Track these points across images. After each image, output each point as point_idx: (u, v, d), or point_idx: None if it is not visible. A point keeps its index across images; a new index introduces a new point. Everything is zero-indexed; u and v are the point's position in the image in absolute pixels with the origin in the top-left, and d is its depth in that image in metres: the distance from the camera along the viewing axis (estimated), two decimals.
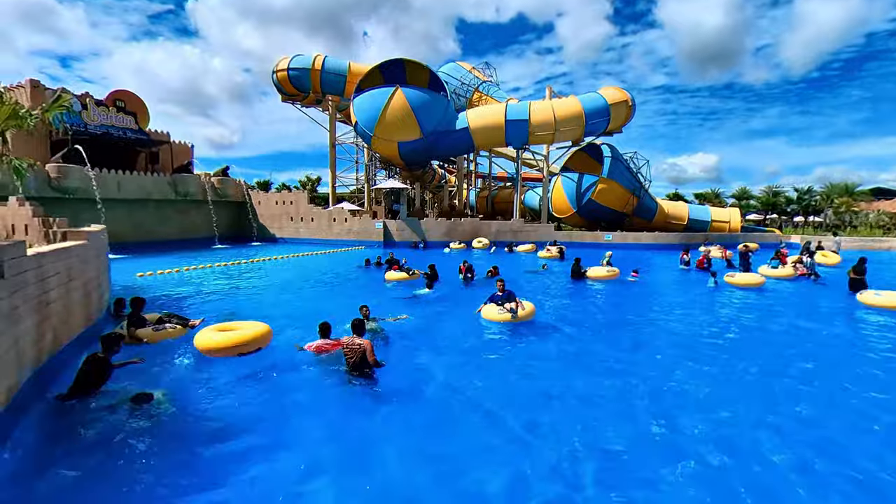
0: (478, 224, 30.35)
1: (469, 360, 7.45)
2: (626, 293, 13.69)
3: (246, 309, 10.79)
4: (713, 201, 54.24)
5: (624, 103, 30.54)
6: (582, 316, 10.59)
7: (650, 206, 33.11)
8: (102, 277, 9.20)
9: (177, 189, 27.16)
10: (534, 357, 7.61)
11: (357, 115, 28.77)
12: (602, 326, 9.64)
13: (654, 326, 9.66)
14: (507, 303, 9.55)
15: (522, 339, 8.62)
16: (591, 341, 8.59)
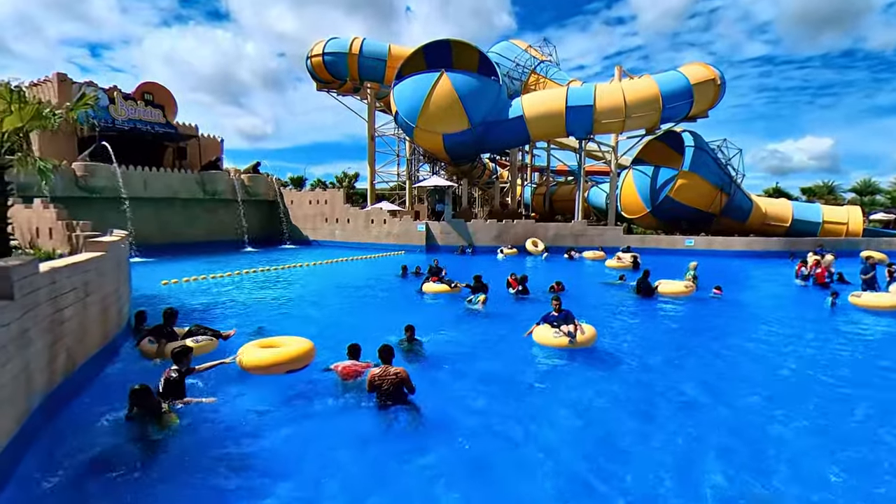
0: (533, 226, 29.77)
1: (517, 392, 7.21)
2: (709, 315, 12.76)
3: (272, 322, 11.07)
4: (826, 197, 49.96)
5: (711, 82, 28.98)
6: (652, 343, 9.94)
7: (743, 204, 31.19)
8: (122, 289, 9.68)
9: (205, 187, 28.63)
10: (592, 392, 7.21)
11: (397, 104, 29.08)
12: (677, 358, 8.95)
13: (746, 360, 8.84)
14: (564, 325, 9.19)
15: (580, 369, 8.24)
16: (662, 376, 7.94)
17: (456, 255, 26.87)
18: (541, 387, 7.44)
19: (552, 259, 25.50)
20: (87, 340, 7.28)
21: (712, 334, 10.77)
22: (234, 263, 21.95)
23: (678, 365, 8.51)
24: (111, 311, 8.56)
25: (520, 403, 6.81)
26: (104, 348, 8.05)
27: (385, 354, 6.64)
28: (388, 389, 6.28)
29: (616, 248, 26.65)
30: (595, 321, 10.07)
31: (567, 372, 8.14)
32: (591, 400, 6.91)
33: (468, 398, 6.95)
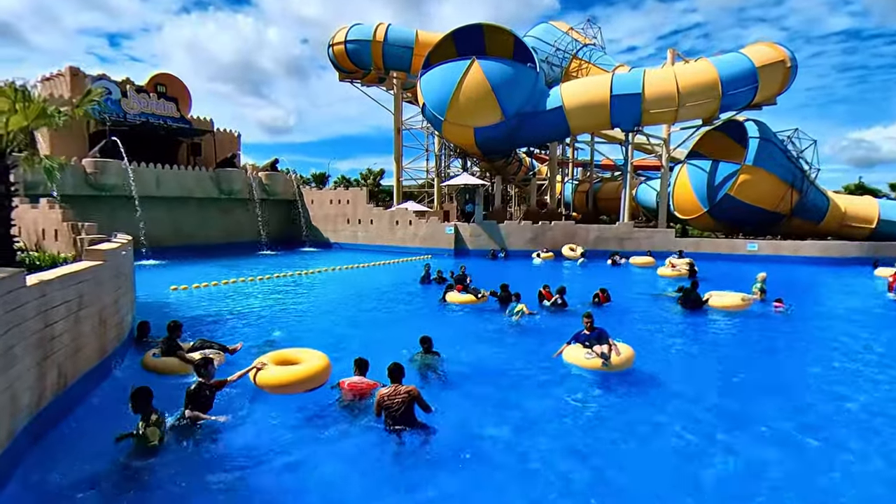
0: (572, 228, 29.20)
1: (541, 420, 6.97)
2: (771, 335, 11.93)
3: (285, 334, 11.20)
4: None
5: (779, 64, 27.89)
6: (700, 369, 9.44)
7: (818, 202, 29.83)
8: (124, 300, 9.86)
9: (220, 186, 29.33)
10: (625, 423, 6.86)
11: (425, 95, 29.09)
12: (730, 389, 8.34)
13: (813, 396, 8.03)
14: (598, 345, 8.89)
15: (614, 396, 7.89)
16: (711, 411, 7.35)
17: (487, 260, 26.61)
18: (568, 416, 7.14)
19: (592, 265, 24.89)
20: (81, 356, 7.39)
21: (773, 360, 10.07)
22: (249, 268, 22.36)
23: (732, 397, 7.93)
24: (110, 323, 8.71)
25: (543, 434, 6.53)
26: (101, 363, 8.18)
27: (395, 374, 6.60)
28: (397, 411, 6.21)
29: (667, 253, 25.87)
30: (633, 339, 9.75)
31: (599, 399, 7.82)
32: (625, 434, 6.54)
33: (486, 424, 6.76)
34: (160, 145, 28.88)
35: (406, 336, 10.18)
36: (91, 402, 7.33)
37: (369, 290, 17.48)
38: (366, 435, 6.30)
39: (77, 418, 6.77)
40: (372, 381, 7.35)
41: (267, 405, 7.24)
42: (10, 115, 9.14)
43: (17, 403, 5.56)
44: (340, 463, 5.74)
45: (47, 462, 5.61)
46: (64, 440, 6.18)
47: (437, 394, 7.48)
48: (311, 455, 5.93)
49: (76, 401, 7.11)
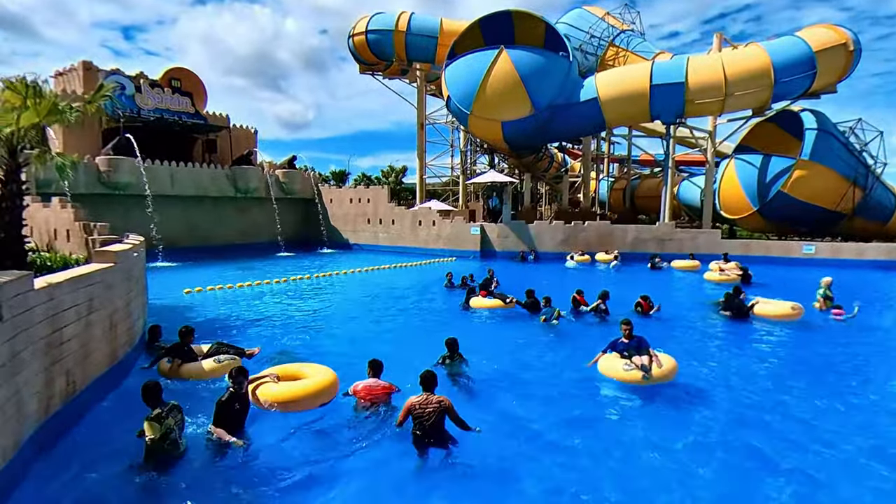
0: (608, 229, 28.78)
1: (577, 438, 6.80)
2: (832, 344, 11.51)
3: (301, 340, 11.33)
4: None
5: (840, 48, 27.10)
6: (750, 382, 9.03)
7: (884, 200, 28.90)
8: (135, 302, 10.06)
9: (237, 184, 29.87)
10: (668, 441, 6.62)
11: (449, 87, 29.09)
12: (784, 406, 7.98)
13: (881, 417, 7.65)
14: (637, 356, 8.65)
15: (654, 412, 7.65)
16: (765, 431, 7.06)
17: (516, 263, 26.42)
18: (600, 432, 7.00)
19: (629, 269, 24.39)
20: (90, 361, 7.54)
21: (833, 375, 9.62)
22: (266, 270, 22.68)
23: (784, 415, 7.61)
24: (121, 328, 8.88)
25: (578, 449, 6.45)
26: (112, 369, 8.34)
27: (428, 382, 6.59)
28: (428, 420, 6.23)
29: (713, 257, 25.22)
30: (673, 350, 9.42)
31: (637, 413, 7.64)
32: (661, 454, 6.33)
33: (515, 440, 6.74)
34: (175, 142, 29.57)
35: (430, 344, 10.14)
36: (101, 410, 7.46)
37: (391, 295, 17.53)
38: (385, 446, 6.35)
39: (87, 426, 6.90)
40: (387, 383, 7.54)
41: (272, 417, 7.17)
42: (22, 111, 9.41)
43: (24, 411, 5.67)
44: (361, 479, 5.75)
45: (55, 472, 5.71)
46: (73, 449, 6.27)
47: (463, 405, 7.23)
48: (331, 469, 5.96)
49: (86, 408, 7.25)
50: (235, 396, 6.63)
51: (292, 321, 13.42)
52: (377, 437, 6.59)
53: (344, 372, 8.35)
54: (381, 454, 6.20)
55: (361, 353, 9.87)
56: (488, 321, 13.60)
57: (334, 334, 12.19)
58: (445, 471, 5.88)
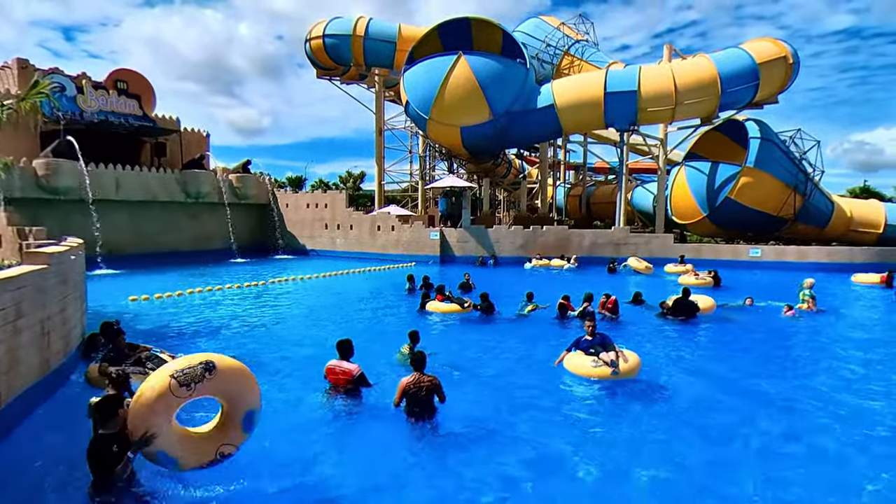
0: (565, 234, 29.14)
1: (550, 425, 6.99)
2: (792, 338, 12.17)
3: (254, 348, 10.88)
4: None
5: (780, 60, 28.20)
6: (713, 374, 9.43)
7: (822, 206, 30.10)
8: (72, 309, 9.39)
9: (187, 188, 28.81)
10: (642, 442, 6.64)
11: (408, 92, 28.94)
12: (744, 394, 8.34)
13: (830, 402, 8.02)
14: (604, 352, 8.81)
15: (625, 409, 7.74)
16: (741, 418, 7.39)
17: (475, 268, 26.37)
18: (576, 431, 6.95)
19: (586, 271, 24.89)
20: (19, 371, 6.92)
21: (786, 362, 10.22)
22: (218, 277, 21.88)
23: (756, 401, 8.01)
24: (54, 336, 8.25)
25: (559, 447, 6.41)
26: (43, 380, 7.72)
27: (419, 363, 7.16)
28: (423, 397, 6.87)
29: (667, 260, 25.89)
30: (631, 348, 9.61)
31: (610, 411, 7.75)
32: (639, 458, 6.29)
33: (489, 419, 7.28)
34: (121, 145, 28.29)
35: (390, 347, 10.24)
36: (31, 424, 6.92)
37: (349, 300, 17.22)
38: (386, 422, 6.95)
39: (14, 442, 6.37)
40: (349, 366, 7.77)
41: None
42: None
43: None
44: (366, 450, 6.35)
45: None
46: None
47: None
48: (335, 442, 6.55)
49: (13, 422, 6.69)
50: (106, 440, 4.83)
51: (246, 328, 12.92)
52: (365, 412, 7.36)
53: (302, 376, 8.50)
54: (380, 427, 6.91)
55: (319, 357, 9.61)
56: (446, 325, 13.42)
57: (290, 340, 11.76)
58: (435, 437, 6.61)
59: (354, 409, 7.44)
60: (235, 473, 5.44)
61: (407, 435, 6.67)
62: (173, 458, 4.90)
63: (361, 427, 7.00)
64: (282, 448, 6.24)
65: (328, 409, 7.45)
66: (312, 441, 6.51)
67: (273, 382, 8.58)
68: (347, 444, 6.57)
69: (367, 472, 5.80)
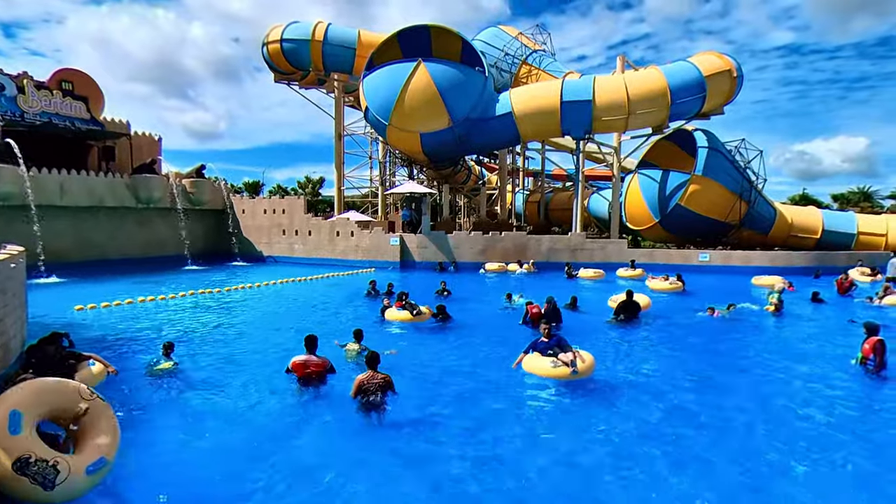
0: (523, 240, 29.49)
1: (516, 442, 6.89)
2: (714, 336, 12.87)
3: (208, 356, 10.60)
4: (861, 205, 50.83)
5: (726, 74, 29.33)
6: (661, 370, 9.96)
7: (765, 213, 31.46)
8: (10, 319, 8.90)
9: (137, 194, 27.76)
10: (600, 424, 7.06)
11: (368, 98, 28.78)
12: (690, 386, 8.89)
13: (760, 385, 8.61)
14: (562, 353, 9.14)
15: (585, 408, 8.04)
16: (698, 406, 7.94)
17: (435, 273, 26.35)
18: (543, 433, 7.10)
19: (543, 276, 25.32)
20: None
21: (726, 357, 10.84)
22: (170, 285, 21.08)
23: (696, 393, 8.47)
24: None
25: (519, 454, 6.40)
26: None
27: (372, 361, 7.84)
28: (375, 393, 7.53)
29: (619, 264, 26.55)
30: (584, 348, 9.99)
31: (569, 410, 8.02)
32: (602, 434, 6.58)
33: (441, 415, 7.64)
34: (66, 149, 27.02)
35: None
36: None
37: (308, 306, 16.97)
38: (345, 413, 7.46)
39: None
40: (319, 359, 8.59)
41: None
42: None
43: None
44: (316, 440, 6.85)
45: None
46: None
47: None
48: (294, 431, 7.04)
49: None
50: None
51: (199, 336, 12.50)
52: (323, 404, 7.92)
53: (262, 380, 8.84)
54: (331, 417, 7.50)
55: (276, 365, 9.46)
56: (405, 331, 13.37)
57: (245, 348, 11.44)
58: (385, 429, 7.12)
59: (318, 401, 8.08)
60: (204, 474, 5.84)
61: (362, 424, 7.24)
62: None
63: (323, 417, 7.57)
64: (258, 438, 6.80)
65: (292, 404, 8.02)
66: (279, 432, 7.01)
67: (232, 387, 8.68)
68: (310, 432, 7.08)
69: (328, 454, 6.43)
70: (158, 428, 7.01)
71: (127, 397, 7.96)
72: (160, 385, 8.61)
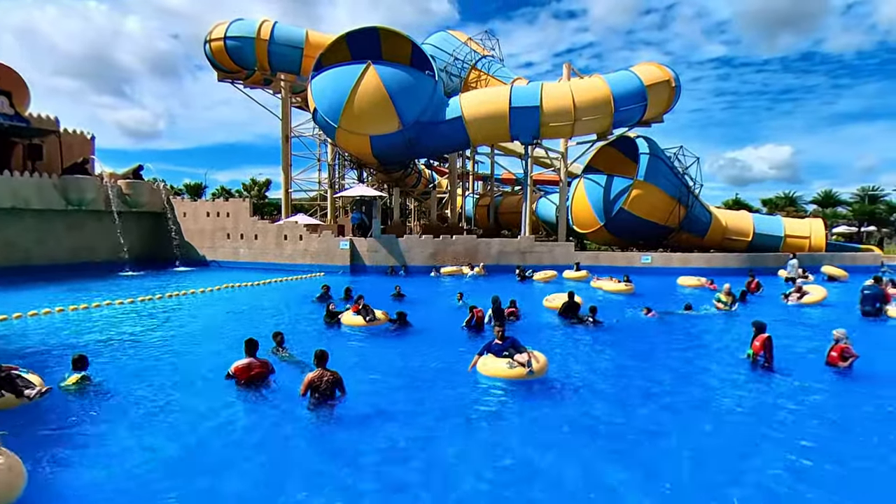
0: (474, 243, 29.57)
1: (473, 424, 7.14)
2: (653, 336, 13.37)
3: (141, 365, 9.97)
4: (787, 209, 53.89)
5: (665, 84, 30.42)
6: (601, 374, 10.15)
7: (702, 217, 32.82)
8: None
9: (68, 195, 26.11)
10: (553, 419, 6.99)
11: (316, 99, 28.19)
12: (633, 384, 9.03)
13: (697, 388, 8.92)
14: (518, 354, 9.24)
15: (537, 407, 8.14)
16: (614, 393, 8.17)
17: (386, 277, 26.07)
18: (507, 439, 7.01)
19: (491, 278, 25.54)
20: None
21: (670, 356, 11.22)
22: (104, 292, 19.80)
23: (633, 387, 8.82)
24: None
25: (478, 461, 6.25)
26: None
27: (322, 359, 7.92)
28: (325, 390, 7.69)
29: (567, 267, 27.06)
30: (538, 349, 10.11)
31: (518, 410, 8.02)
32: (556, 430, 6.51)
33: (396, 415, 7.63)
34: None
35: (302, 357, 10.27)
36: None
37: (253, 312, 16.34)
38: (297, 411, 7.57)
39: None
40: (261, 361, 8.70)
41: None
42: None
43: None
44: (264, 440, 6.81)
45: None
46: None
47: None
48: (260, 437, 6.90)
49: None
50: None
51: (135, 345, 11.72)
52: (271, 405, 7.93)
53: (209, 391, 8.51)
54: (280, 415, 7.54)
55: (218, 371, 9.03)
56: (360, 337, 13.04)
57: (188, 355, 10.85)
58: (333, 423, 7.27)
59: (264, 401, 8.10)
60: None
61: (312, 421, 7.36)
62: None
63: (272, 416, 7.58)
64: (210, 442, 6.72)
65: (238, 405, 7.99)
66: (227, 439, 6.85)
67: (171, 398, 8.28)
68: (258, 434, 7.03)
69: (277, 451, 6.47)
70: (82, 449, 6.41)
71: (44, 418, 7.25)
72: (74, 402, 7.92)
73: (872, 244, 45.33)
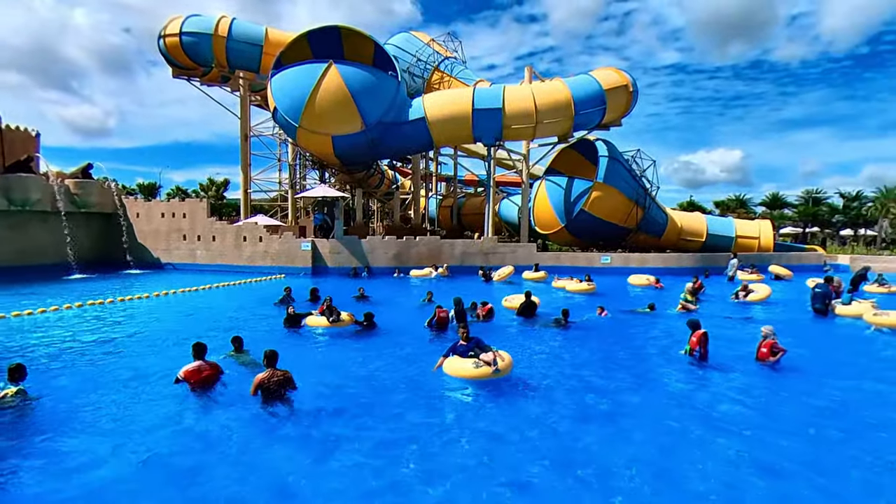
0: (437, 244, 29.55)
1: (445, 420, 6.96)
2: (628, 336, 13.64)
3: (91, 373, 9.50)
4: (738, 211, 56.11)
5: (623, 88, 31.07)
6: (565, 364, 10.57)
7: (658, 218, 33.68)
8: None
9: (10, 195, 24.76)
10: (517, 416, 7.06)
11: (276, 98, 27.63)
12: (590, 379, 9.25)
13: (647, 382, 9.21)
14: (483, 354, 9.33)
15: (510, 404, 8.23)
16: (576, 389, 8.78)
17: (349, 279, 25.80)
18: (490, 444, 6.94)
19: (454, 279, 25.63)
20: None
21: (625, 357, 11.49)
22: (50, 296, 18.87)
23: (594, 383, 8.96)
24: None
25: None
26: None
27: (271, 359, 8.05)
28: (276, 391, 7.81)
29: (528, 267, 27.35)
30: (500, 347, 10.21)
31: (496, 408, 8.08)
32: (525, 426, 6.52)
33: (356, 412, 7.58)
34: None
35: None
36: None
37: (212, 316, 15.84)
38: (245, 411, 7.57)
39: None
40: (210, 363, 8.65)
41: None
42: None
43: None
44: (231, 433, 6.92)
45: None
46: None
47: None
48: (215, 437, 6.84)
49: None
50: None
51: (86, 352, 11.21)
52: (223, 406, 7.86)
53: (160, 397, 8.29)
54: (232, 417, 7.45)
55: (172, 376, 8.73)
56: (324, 339, 12.86)
57: (137, 364, 10.34)
58: (288, 421, 7.34)
59: (216, 404, 8.03)
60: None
61: (264, 419, 7.41)
62: None
63: (225, 416, 7.51)
64: (162, 448, 6.54)
65: (189, 409, 7.87)
66: (183, 443, 6.75)
67: (121, 406, 7.99)
68: (209, 435, 6.94)
69: (230, 452, 6.45)
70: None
71: None
72: (13, 414, 7.48)
73: (816, 244, 47.66)
